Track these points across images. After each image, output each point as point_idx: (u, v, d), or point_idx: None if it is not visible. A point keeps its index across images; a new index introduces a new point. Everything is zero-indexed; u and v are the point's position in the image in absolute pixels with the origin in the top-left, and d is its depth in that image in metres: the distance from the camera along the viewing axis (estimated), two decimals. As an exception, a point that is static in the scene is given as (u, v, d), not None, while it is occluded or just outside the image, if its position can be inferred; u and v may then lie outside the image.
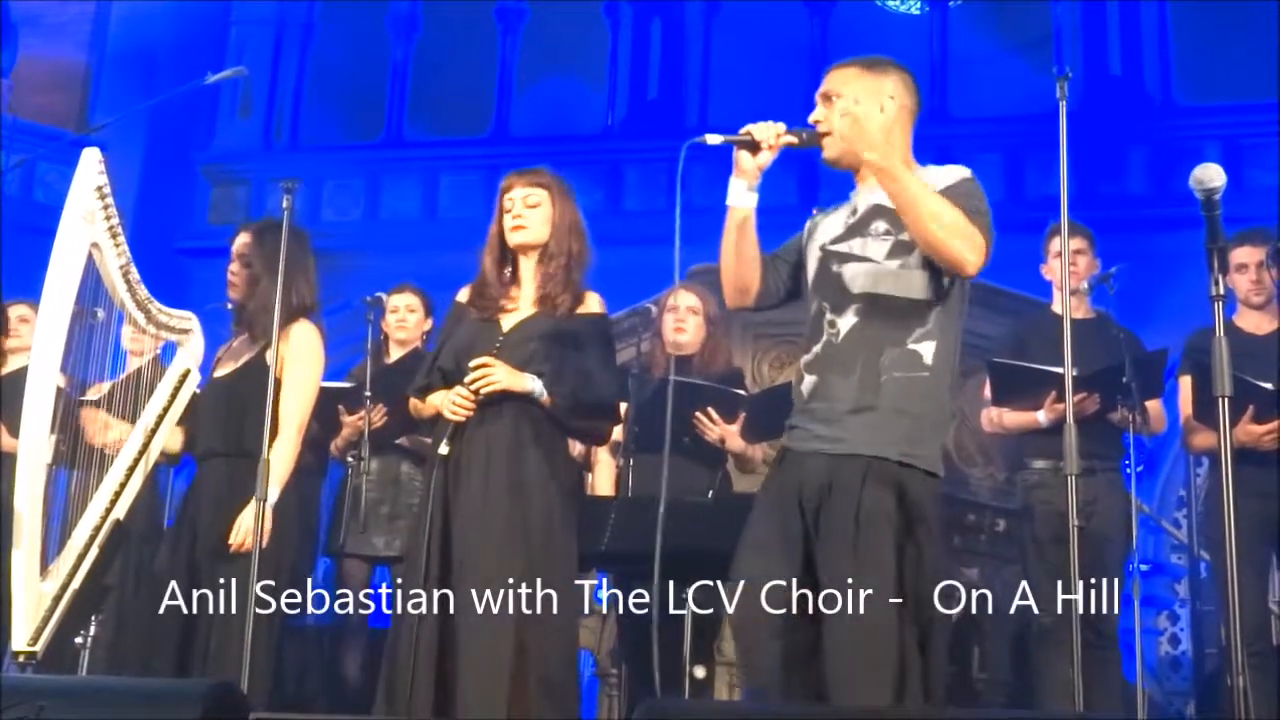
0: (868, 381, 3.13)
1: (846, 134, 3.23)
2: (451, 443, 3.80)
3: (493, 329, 3.89)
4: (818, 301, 3.27)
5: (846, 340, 3.18)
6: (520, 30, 12.00)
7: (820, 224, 3.39)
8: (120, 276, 4.09)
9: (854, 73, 3.35)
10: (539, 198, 3.92)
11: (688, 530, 4.53)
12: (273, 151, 11.91)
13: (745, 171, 3.25)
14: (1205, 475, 6.07)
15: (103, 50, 11.89)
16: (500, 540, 3.71)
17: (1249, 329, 4.97)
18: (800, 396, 3.24)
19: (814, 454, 3.15)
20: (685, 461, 4.94)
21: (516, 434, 3.79)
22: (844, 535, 3.04)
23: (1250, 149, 9.90)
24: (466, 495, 3.76)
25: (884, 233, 3.22)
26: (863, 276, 3.20)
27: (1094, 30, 10.84)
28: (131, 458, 4.15)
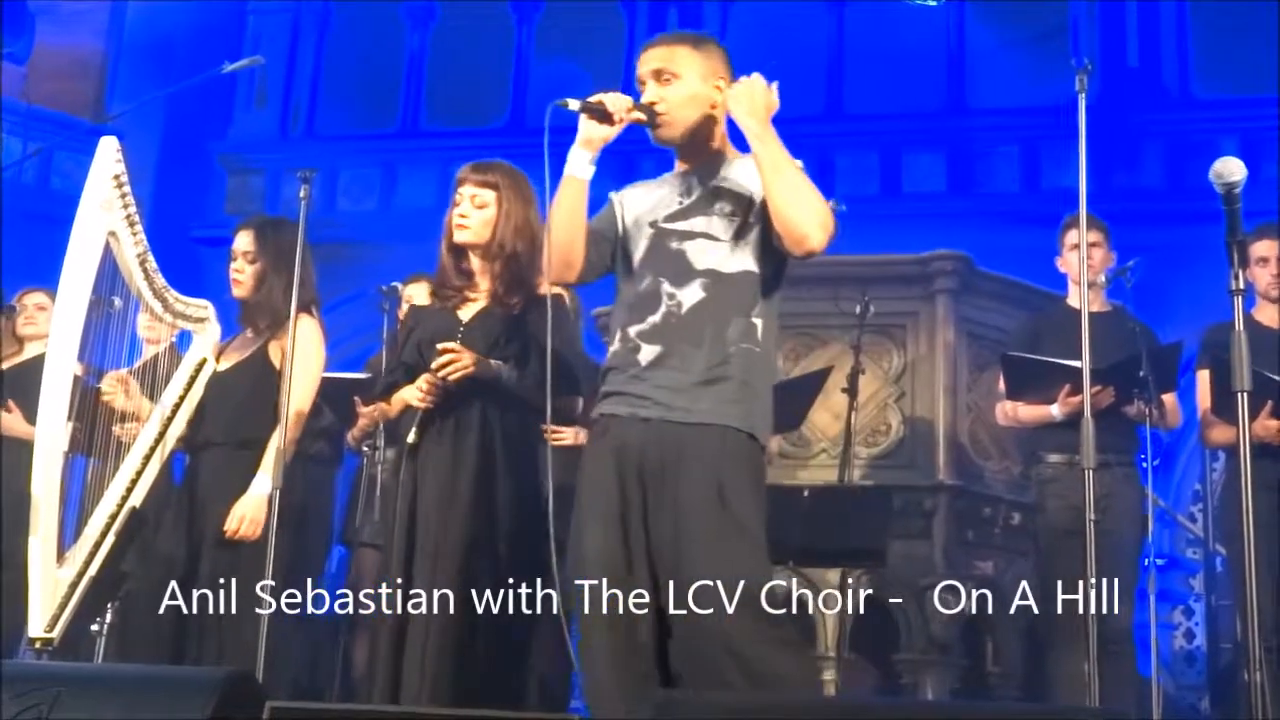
0: (717, 352, 3.14)
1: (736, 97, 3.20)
2: (420, 431, 3.83)
3: (452, 320, 3.92)
4: (651, 276, 3.23)
5: (691, 313, 3.17)
6: (536, 20, 11.98)
7: (635, 201, 3.37)
8: (137, 265, 4.11)
9: (687, 52, 3.30)
10: (486, 199, 3.94)
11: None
12: (289, 141, 11.91)
13: (591, 141, 3.24)
14: (1221, 470, 6.06)
15: (120, 39, 11.90)
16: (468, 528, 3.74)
17: (1268, 323, 4.95)
18: (635, 365, 3.19)
19: (659, 421, 3.12)
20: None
21: (487, 421, 3.82)
22: (707, 503, 3.03)
23: (1268, 143, 9.84)
24: (431, 484, 3.78)
25: (729, 213, 3.22)
26: (710, 253, 3.21)
27: (1111, 22, 10.79)
28: (148, 445, 4.17)
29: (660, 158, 3.49)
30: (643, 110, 3.26)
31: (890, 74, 10.95)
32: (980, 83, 11.02)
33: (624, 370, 3.21)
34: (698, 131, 3.29)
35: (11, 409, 5.52)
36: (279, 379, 4.05)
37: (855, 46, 11.30)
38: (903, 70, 11.03)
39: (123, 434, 4.29)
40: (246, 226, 4.47)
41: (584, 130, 3.23)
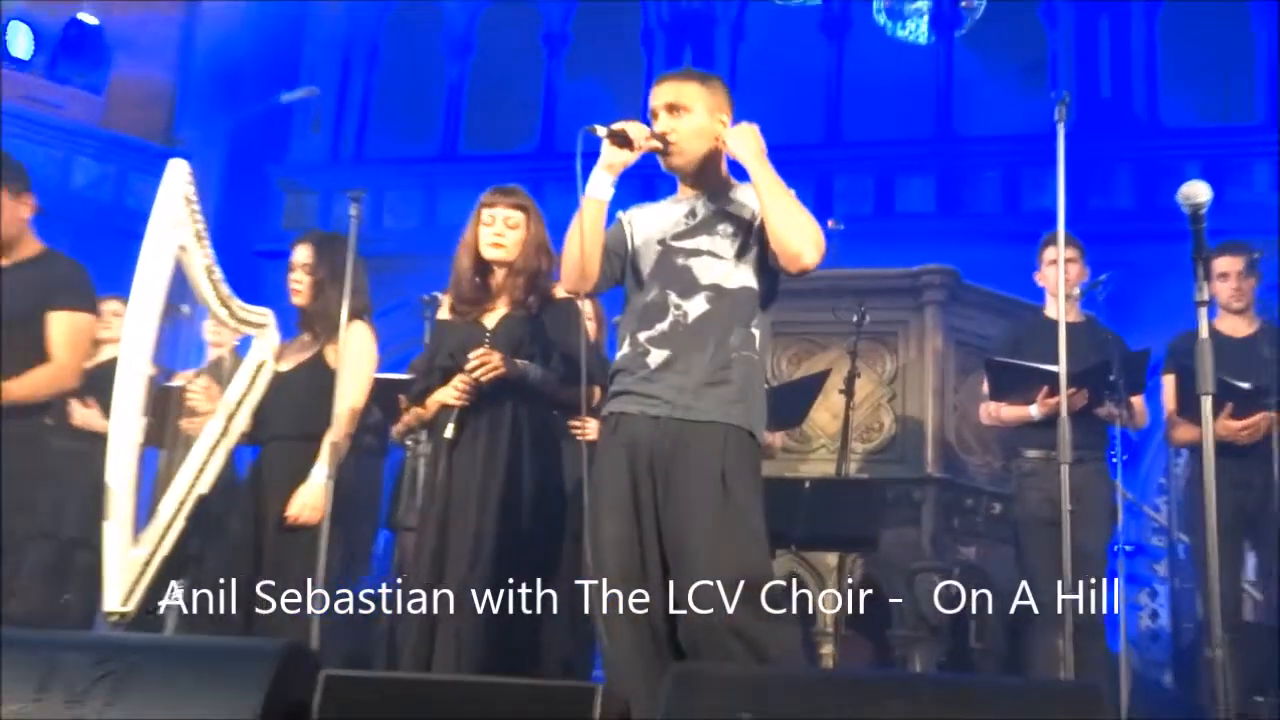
0: (720, 358, 3.15)
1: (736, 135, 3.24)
2: (457, 427, 3.84)
3: (478, 329, 3.94)
4: (659, 288, 3.24)
5: (697, 322, 3.18)
6: (564, 54, 12.00)
7: (644, 221, 3.36)
8: (204, 275, 4.11)
9: (696, 88, 3.32)
10: (517, 220, 3.97)
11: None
12: (340, 164, 11.94)
13: (613, 165, 3.24)
14: (1184, 465, 6.02)
15: (188, 70, 11.94)
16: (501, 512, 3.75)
17: (1228, 332, 4.94)
18: (644, 367, 3.18)
19: (666, 419, 3.12)
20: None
21: (514, 419, 3.85)
22: (712, 493, 3.04)
23: (1229, 168, 9.82)
24: (467, 475, 3.79)
25: (732, 234, 3.24)
26: (714, 269, 3.22)
27: (1086, 57, 10.77)
28: (213, 438, 4.18)
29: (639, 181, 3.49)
30: (657, 139, 3.28)
31: (884, 104, 10.95)
32: (967, 112, 11.01)
33: (633, 372, 3.21)
34: (703, 160, 3.31)
35: (90, 405, 5.54)
36: (335, 379, 4.06)
37: (852, 79, 11.29)
38: (896, 101, 11.03)
39: (190, 428, 4.31)
40: (305, 240, 4.48)
41: (606, 155, 3.24)
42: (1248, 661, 4.78)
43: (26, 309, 4.12)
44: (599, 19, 11.91)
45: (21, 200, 4.18)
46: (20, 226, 4.19)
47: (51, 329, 4.13)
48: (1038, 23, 11.15)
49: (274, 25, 12.03)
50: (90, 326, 4.32)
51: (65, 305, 4.16)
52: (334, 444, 3.96)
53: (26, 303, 4.13)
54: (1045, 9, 11.12)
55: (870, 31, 11.97)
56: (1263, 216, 9.14)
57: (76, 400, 5.40)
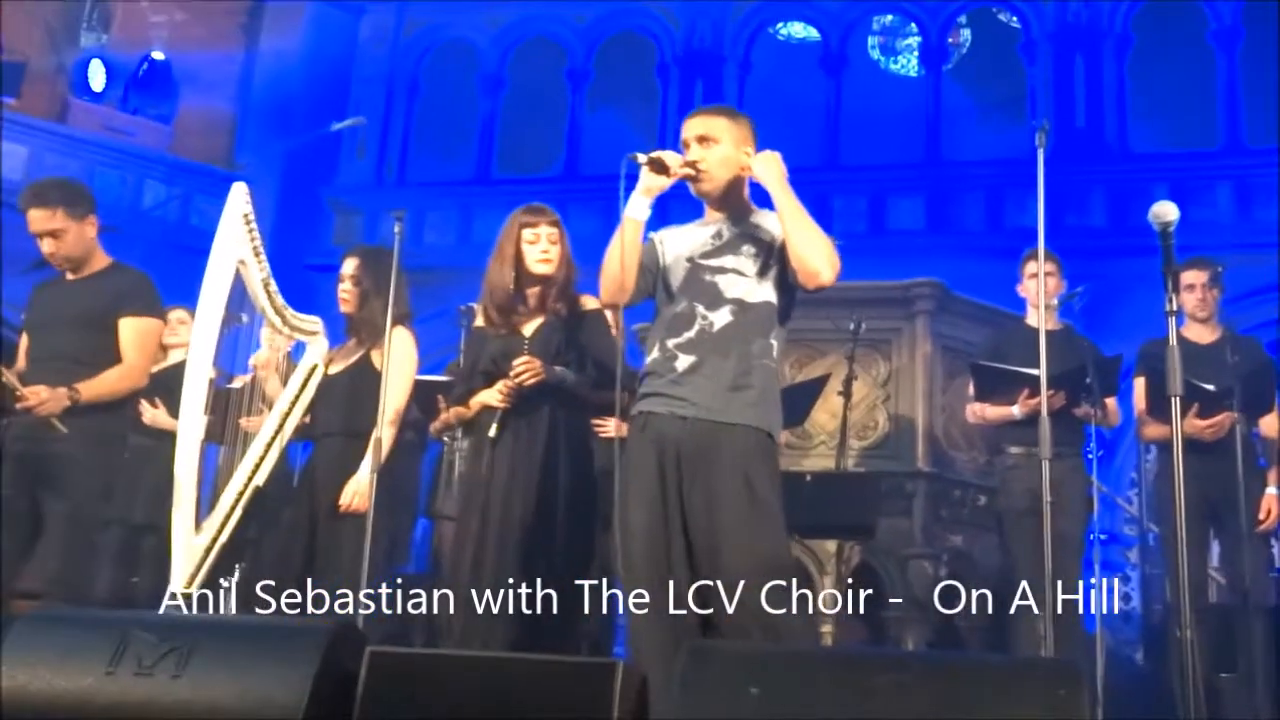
0: (743, 365, 3.17)
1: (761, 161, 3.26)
2: (500, 426, 3.84)
3: (516, 338, 3.93)
4: (687, 301, 3.25)
5: (722, 331, 3.20)
6: (586, 88, 12.01)
7: (674, 241, 3.37)
8: (261, 287, 4.12)
9: (724, 123, 3.34)
10: (557, 236, 3.97)
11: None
12: (384, 187, 11.97)
13: (650, 190, 3.23)
14: (1154, 460, 5.99)
15: (247, 102, 11.99)
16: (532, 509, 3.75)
17: (1194, 339, 4.91)
18: (672, 371, 3.20)
19: (693, 419, 3.14)
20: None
21: (554, 418, 3.85)
22: (737, 489, 3.06)
23: (1194, 190, 9.77)
24: (509, 472, 3.79)
25: (754, 254, 3.27)
26: (739, 285, 3.24)
27: (1062, 89, 10.73)
28: (269, 435, 4.18)
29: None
30: (690, 167, 3.28)
31: (878, 132, 10.94)
32: (954, 139, 10.99)
33: (662, 375, 3.22)
34: (729, 187, 3.32)
35: (158, 405, 5.55)
36: (380, 380, 4.06)
37: (849, 109, 11.28)
38: (889, 129, 11.01)
39: (248, 426, 4.31)
40: (352, 254, 4.48)
41: (644, 180, 3.23)
42: (1214, 640, 4.75)
43: (99, 316, 4.14)
44: (618, 56, 11.92)
45: (88, 222, 4.20)
46: (89, 245, 4.22)
47: (122, 334, 4.15)
48: (1018, 59, 11.12)
49: (324, 62, 12.09)
50: (157, 330, 4.33)
51: (134, 312, 4.18)
52: (378, 440, 3.95)
53: (99, 310, 4.15)
54: (1025, 47, 11.08)
55: (865, 66, 11.97)
56: (1225, 233, 9.10)
57: (145, 401, 5.41)
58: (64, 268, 4.21)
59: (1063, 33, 10.84)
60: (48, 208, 4.13)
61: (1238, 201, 9.94)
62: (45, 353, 4.10)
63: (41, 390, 3.94)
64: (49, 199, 4.15)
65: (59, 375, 4.01)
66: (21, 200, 4.21)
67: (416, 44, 12.48)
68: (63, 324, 4.14)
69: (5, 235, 6.35)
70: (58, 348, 4.09)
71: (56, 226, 4.13)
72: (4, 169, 9.65)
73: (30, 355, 4.17)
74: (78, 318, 4.14)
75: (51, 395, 3.94)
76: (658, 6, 11.87)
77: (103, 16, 12.32)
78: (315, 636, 2.32)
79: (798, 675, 2.35)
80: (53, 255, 4.18)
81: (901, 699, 2.26)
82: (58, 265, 4.21)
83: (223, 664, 2.30)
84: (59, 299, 4.20)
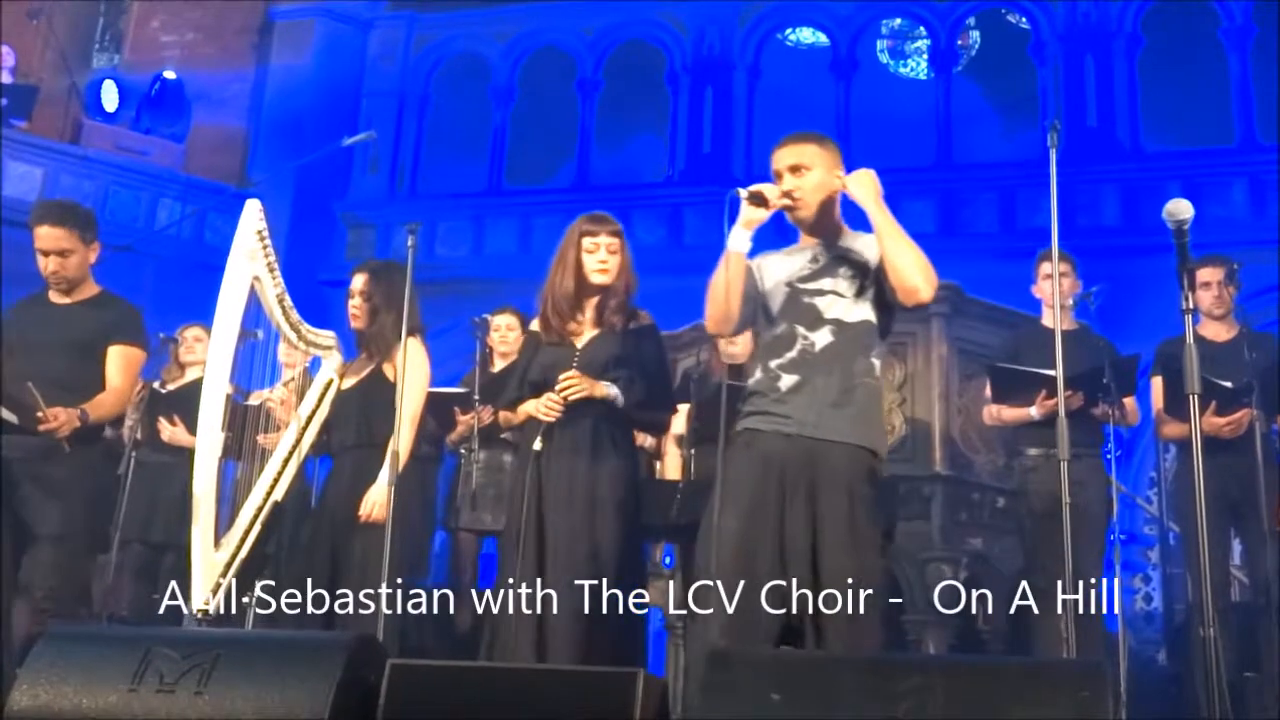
0: (845, 384, 3.26)
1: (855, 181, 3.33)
2: (545, 440, 3.82)
3: (568, 349, 3.90)
4: (789, 323, 3.35)
5: (823, 352, 3.29)
6: (597, 98, 12.02)
7: (772, 267, 3.45)
8: (277, 303, 4.13)
9: (814, 149, 3.42)
10: (617, 246, 3.93)
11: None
12: (396, 200, 11.99)
13: (750, 223, 3.29)
14: (1173, 459, 5.96)
15: (259, 119, 12.03)
16: (581, 521, 3.72)
17: (1211, 337, 4.90)
18: (776, 390, 3.30)
19: (797, 436, 3.23)
20: (737, 451, 4.93)
21: (598, 432, 3.81)
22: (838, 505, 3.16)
23: (1208, 187, 9.73)
24: (555, 484, 3.77)
25: (850, 275, 3.35)
26: (837, 306, 3.33)
27: (1073, 90, 10.69)
28: (286, 450, 4.19)
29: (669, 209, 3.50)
30: (786, 197, 3.35)
31: (889, 135, 10.91)
32: (965, 142, 10.96)
33: (766, 394, 3.32)
34: (823, 211, 3.41)
35: (176, 423, 5.58)
36: (393, 392, 4.07)
37: (859, 113, 11.26)
38: (899, 132, 10.99)
39: (265, 442, 4.32)
40: (361, 270, 4.49)
41: (745, 214, 3.28)
42: (1237, 640, 4.73)
43: (89, 343, 4.18)
44: (628, 65, 11.93)
45: (92, 248, 4.25)
46: (86, 270, 4.26)
47: (110, 361, 4.18)
48: (1028, 60, 11.09)
49: (335, 78, 12.13)
50: (141, 361, 4.37)
51: (123, 341, 4.21)
52: (394, 451, 3.95)
53: (89, 338, 4.18)
54: (1035, 48, 11.06)
55: (875, 70, 11.95)
56: (1240, 230, 9.06)
57: (164, 418, 5.44)
58: (61, 288, 4.24)
59: (1072, 33, 10.81)
60: (61, 227, 4.17)
61: (1252, 198, 9.89)
62: (30, 374, 4.07)
63: (60, 413, 3.97)
64: (62, 219, 4.19)
65: (44, 398, 4.02)
66: (34, 216, 4.24)
67: (426, 58, 12.51)
68: (52, 347, 4.16)
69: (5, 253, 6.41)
70: (45, 371, 4.09)
71: (66, 247, 4.16)
72: (20, 191, 9.71)
73: (12, 374, 4.12)
74: (69, 343, 4.17)
75: (67, 417, 3.97)
76: (666, 15, 11.88)
77: (114, 37, 12.41)
78: (336, 650, 2.33)
79: (820, 680, 2.35)
80: (54, 274, 4.21)
81: (924, 703, 2.26)
82: (56, 285, 4.23)
83: (244, 679, 2.31)
84: (48, 321, 4.22)
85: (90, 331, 4.19)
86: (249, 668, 2.34)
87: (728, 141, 11.35)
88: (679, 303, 5.63)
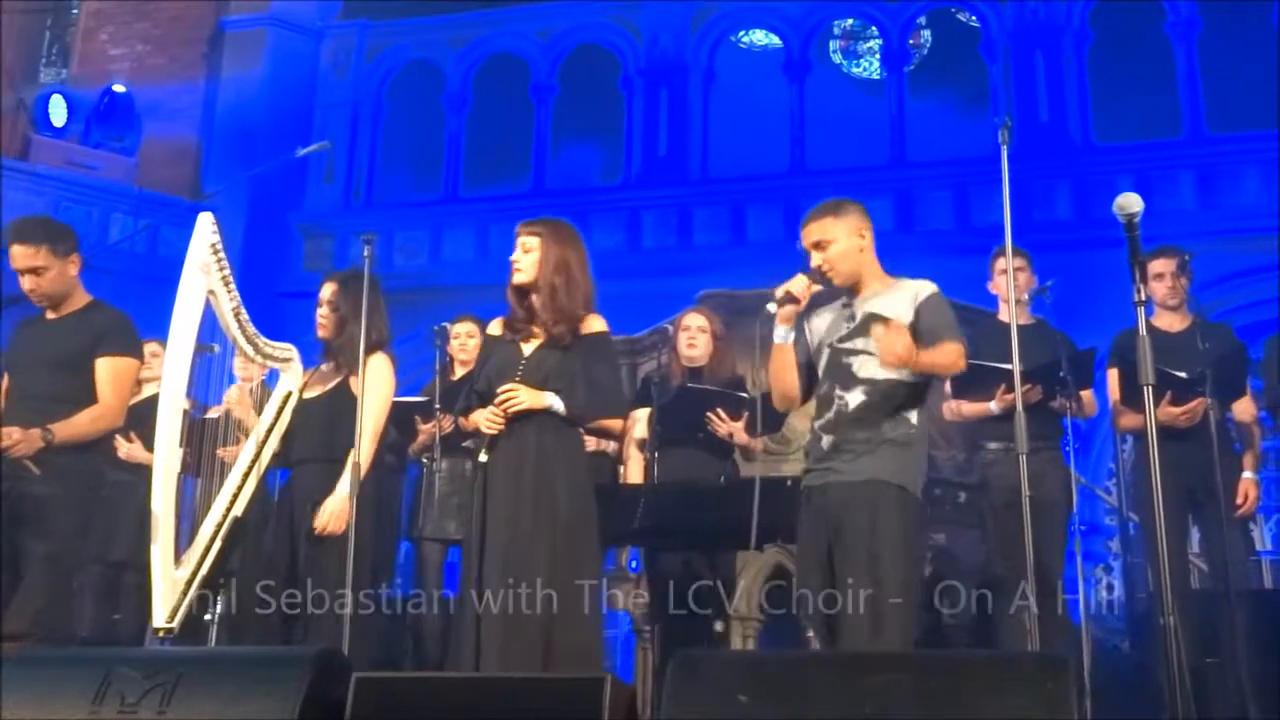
0: (874, 437, 3.48)
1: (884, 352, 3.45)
2: (489, 451, 3.82)
3: (516, 354, 3.90)
4: (829, 384, 3.57)
5: (855, 410, 3.50)
6: (552, 103, 12.01)
7: (818, 326, 3.69)
8: (232, 317, 4.10)
9: (830, 220, 3.62)
10: (532, 244, 3.91)
11: (706, 508, 4.52)
12: (352, 210, 11.93)
13: (788, 318, 3.56)
14: (1130, 450, 6.01)
15: (211, 130, 11.94)
16: (528, 532, 3.71)
17: (1164, 328, 4.94)
18: (819, 449, 3.55)
19: (836, 483, 3.48)
20: (701, 453, 4.94)
21: (540, 442, 3.80)
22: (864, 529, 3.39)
23: (1158, 180, 9.85)
24: (499, 496, 3.77)
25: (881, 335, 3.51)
26: (869, 366, 3.52)
27: (1024, 86, 10.80)
28: (245, 465, 4.16)
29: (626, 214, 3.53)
30: (816, 279, 3.57)
31: (843, 135, 10.98)
32: (918, 140, 11.03)
33: (812, 454, 3.60)
34: (857, 271, 3.62)
35: (133, 439, 5.51)
36: (357, 405, 4.04)
37: (814, 114, 11.31)
38: (854, 132, 11.05)
39: (225, 456, 4.28)
40: (331, 279, 4.46)
41: (782, 314, 3.55)
42: (1197, 626, 4.78)
43: (77, 356, 4.12)
44: (582, 70, 11.93)
45: (70, 260, 4.19)
46: (70, 283, 4.20)
47: (99, 374, 4.12)
48: (979, 58, 11.18)
49: (287, 88, 12.05)
50: (134, 370, 4.30)
51: (111, 352, 4.15)
52: (355, 464, 3.93)
53: (77, 350, 4.12)
54: (985, 46, 11.16)
55: (828, 71, 12.02)
56: (1191, 221, 9.18)
57: (120, 436, 5.37)
58: (43, 305, 4.19)
59: (1022, 31, 10.92)
60: (30, 244, 4.11)
61: (1201, 189, 10.03)
62: (23, 392, 4.07)
63: (14, 431, 3.91)
64: (31, 235, 4.13)
65: (37, 415, 3.97)
66: (8, 235, 4.19)
67: (379, 66, 12.47)
68: (41, 363, 4.11)
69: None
70: (35, 387, 4.06)
71: (39, 264, 4.11)
72: (-31, 208, 9.58)
73: (10, 395, 4.14)
74: (56, 357, 4.11)
75: (25, 436, 3.91)
76: (619, 19, 11.89)
77: (62, 51, 12.28)
78: (300, 665, 2.31)
79: (788, 679, 2.35)
80: (32, 292, 4.16)
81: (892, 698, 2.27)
82: (37, 302, 4.19)
83: (207, 697, 2.29)
84: (39, 338, 4.18)
85: (76, 344, 4.12)
86: (212, 685, 2.31)
87: (684, 144, 11.38)
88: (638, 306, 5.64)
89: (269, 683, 2.27)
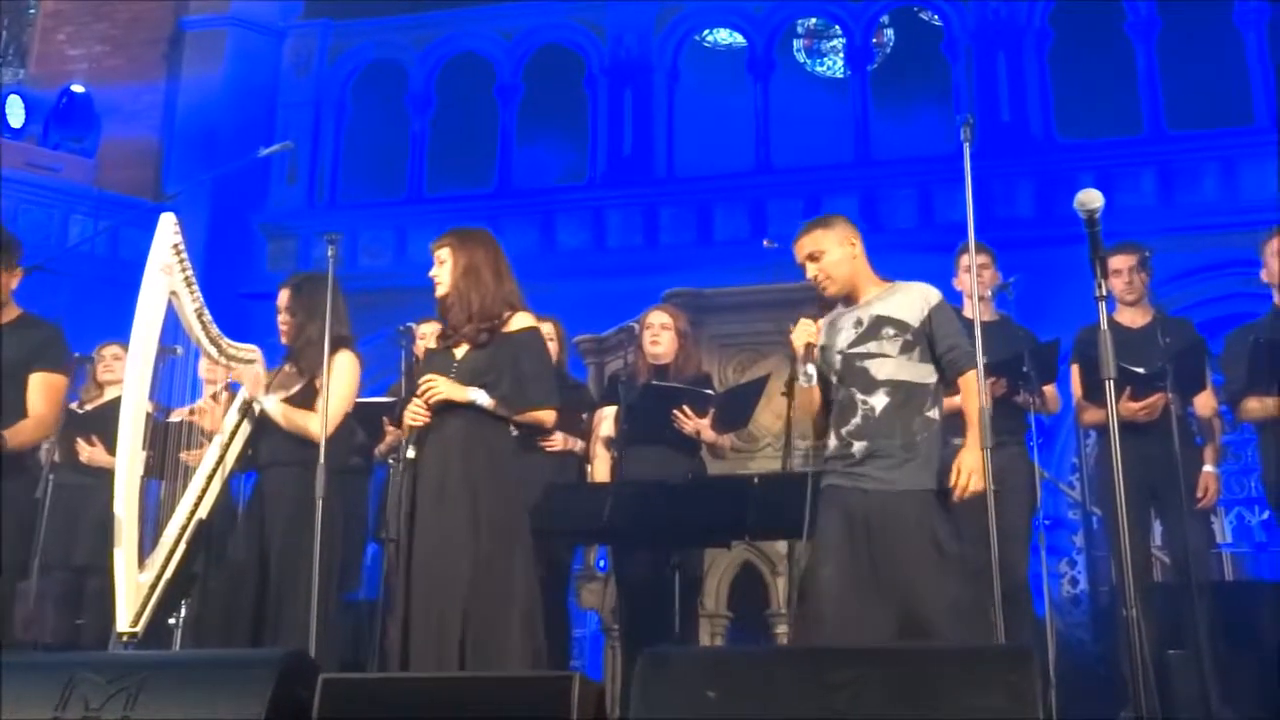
0: (907, 441, 3.58)
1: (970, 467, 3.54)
2: (417, 446, 3.83)
3: (449, 360, 3.92)
4: (846, 389, 3.67)
5: (883, 414, 3.60)
6: (516, 102, 11.98)
7: (830, 334, 3.78)
8: (196, 318, 4.08)
9: (820, 233, 3.78)
10: (444, 256, 3.98)
11: (674, 506, 4.53)
12: (316, 210, 11.86)
13: (810, 360, 3.72)
14: (1093, 445, 6.08)
15: (172, 131, 11.84)
16: (453, 529, 3.71)
17: (1125, 323, 4.99)
18: (849, 457, 3.61)
19: (874, 491, 3.55)
20: (669, 451, 4.94)
21: (467, 437, 3.81)
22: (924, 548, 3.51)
23: (1119, 177, 9.94)
24: (426, 489, 3.77)
25: (893, 335, 3.66)
26: (888, 367, 3.63)
27: (986, 84, 10.87)
28: (210, 467, 4.13)
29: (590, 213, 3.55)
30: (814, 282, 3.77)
31: (808, 134, 11.02)
32: (882, 138, 11.09)
33: (842, 460, 3.64)
34: (851, 279, 3.76)
35: (95, 443, 5.47)
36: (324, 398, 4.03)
37: (779, 113, 11.35)
38: (818, 130, 11.10)
39: (189, 459, 4.26)
40: (285, 284, 4.46)
41: (802, 356, 3.73)
42: (1160, 618, 4.83)
43: (10, 369, 4.08)
44: (546, 70, 11.90)
45: (13, 273, 4.15)
46: (6, 295, 4.16)
47: (31, 387, 4.09)
48: (942, 57, 11.25)
49: (249, 88, 11.97)
50: (62, 384, 4.27)
51: (44, 367, 4.12)
52: (320, 465, 3.91)
53: (11, 364, 4.08)
54: (948, 45, 11.22)
55: (792, 70, 12.06)
56: (1151, 218, 9.27)
57: (82, 439, 5.32)
58: None
59: (983, 30, 10.99)
60: None
61: (1161, 186, 10.14)
62: None
63: None
64: None
65: None
66: None
67: (342, 66, 12.39)
68: None
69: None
70: None
71: None
72: (-75, 212, 9.44)
73: None
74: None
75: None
76: (583, 19, 11.88)
77: (19, 51, 12.15)
78: (267, 667, 2.30)
79: (756, 675, 2.37)
80: None
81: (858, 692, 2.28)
82: None
83: (173, 701, 2.28)
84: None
85: (12, 357, 4.09)
86: (177, 689, 2.30)
87: (649, 143, 11.38)
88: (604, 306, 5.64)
89: (235, 685, 2.26)
